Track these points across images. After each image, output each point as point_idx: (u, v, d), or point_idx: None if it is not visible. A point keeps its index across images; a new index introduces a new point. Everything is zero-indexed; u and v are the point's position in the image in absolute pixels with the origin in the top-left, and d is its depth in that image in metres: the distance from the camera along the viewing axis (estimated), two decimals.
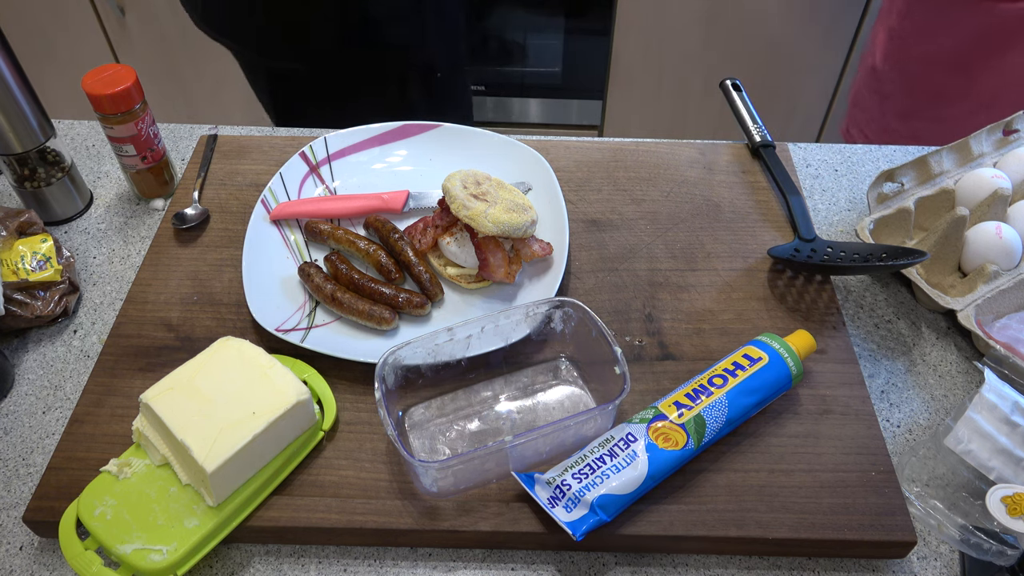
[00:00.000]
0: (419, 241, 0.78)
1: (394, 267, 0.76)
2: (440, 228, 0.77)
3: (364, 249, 0.77)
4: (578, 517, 0.58)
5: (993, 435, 0.64)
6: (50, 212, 0.87)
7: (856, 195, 0.92)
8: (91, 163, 0.95)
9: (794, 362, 0.66)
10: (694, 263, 0.80)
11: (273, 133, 0.98)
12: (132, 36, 1.87)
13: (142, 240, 0.86)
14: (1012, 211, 0.83)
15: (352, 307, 0.72)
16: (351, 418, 0.67)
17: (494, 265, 0.74)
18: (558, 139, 0.94)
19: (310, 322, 0.73)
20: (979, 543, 0.60)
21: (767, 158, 0.89)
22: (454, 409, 0.69)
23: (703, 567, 0.62)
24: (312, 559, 0.62)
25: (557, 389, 0.70)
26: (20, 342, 0.77)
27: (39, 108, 0.83)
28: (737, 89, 0.97)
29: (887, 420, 0.71)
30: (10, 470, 0.67)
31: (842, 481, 0.63)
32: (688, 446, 0.61)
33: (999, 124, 0.92)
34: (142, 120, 0.83)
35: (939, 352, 0.76)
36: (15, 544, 0.63)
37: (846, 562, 0.62)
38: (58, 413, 0.71)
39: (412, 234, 0.78)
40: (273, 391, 0.62)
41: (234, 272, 0.78)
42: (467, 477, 0.62)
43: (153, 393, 0.61)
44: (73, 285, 0.79)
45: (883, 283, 0.82)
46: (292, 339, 0.70)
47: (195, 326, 0.74)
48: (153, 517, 0.59)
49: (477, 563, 0.62)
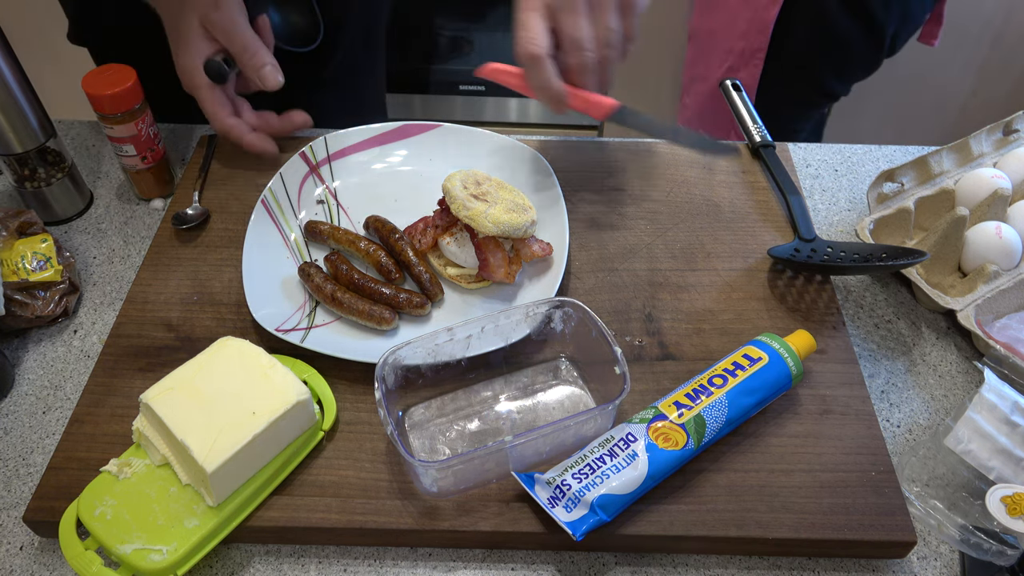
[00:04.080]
0: (419, 241, 0.78)
1: (394, 267, 0.76)
2: (440, 228, 0.77)
3: (364, 249, 0.77)
4: (578, 517, 0.58)
5: (993, 435, 0.64)
6: (50, 212, 0.87)
7: (856, 195, 0.92)
8: (91, 163, 0.95)
9: (794, 362, 0.66)
10: (694, 263, 0.80)
11: None
12: None
13: (142, 240, 0.86)
14: (1012, 211, 0.83)
15: (352, 307, 0.72)
16: (351, 418, 0.67)
17: (494, 265, 0.74)
18: (558, 139, 0.95)
19: (310, 322, 0.73)
20: (979, 543, 0.61)
21: (767, 158, 0.89)
22: (454, 409, 0.69)
23: (703, 567, 0.62)
24: (312, 559, 0.62)
25: (557, 389, 0.70)
26: (20, 342, 0.77)
27: (39, 108, 0.82)
28: (737, 89, 0.97)
29: (887, 420, 0.71)
30: (10, 470, 0.67)
31: (842, 481, 0.63)
32: (688, 446, 0.61)
33: (999, 124, 0.92)
34: (142, 120, 0.83)
35: (939, 352, 0.76)
36: (15, 544, 0.63)
37: (846, 562, 0.62)
38: (58, 413, 0.71)
39: (412, 234, 0.78)
40: (273, 391, 0.62)
41: (234, 272, 0.78)
42: (467, 477, 0.62)
43: (153, 393, 0.61)
44: (73, 285, 0.79)
45: (883, 283, 0.82)
46: (292, 339, 0.70)
47: (195, 326, 0.74)
48: (153, 517, 0.59)
49: (477, 563, 0.62)
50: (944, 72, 1.88)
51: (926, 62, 1.84)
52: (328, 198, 0.86)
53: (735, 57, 1.30)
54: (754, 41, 1.27)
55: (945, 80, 1.90)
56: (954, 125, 1.99)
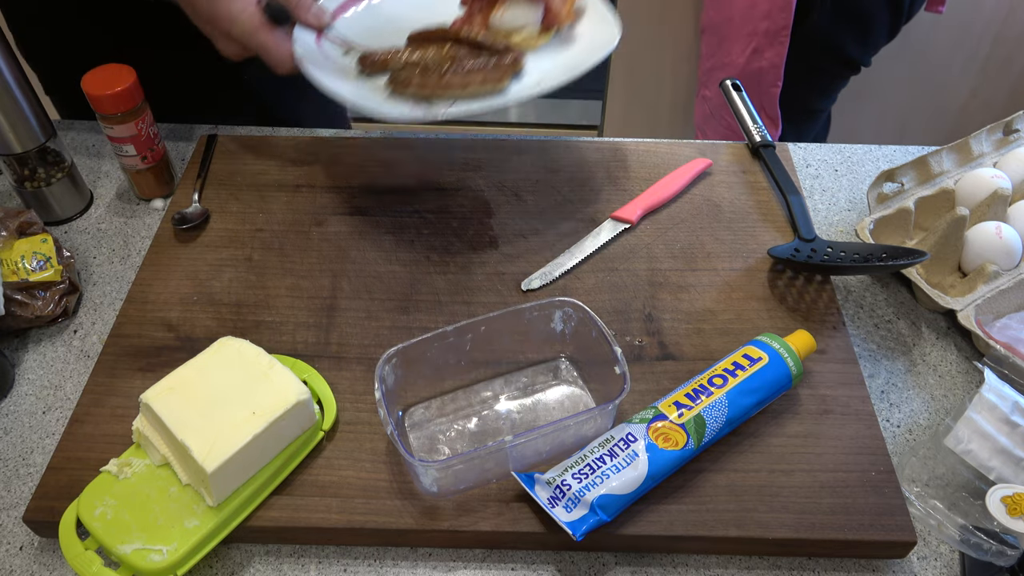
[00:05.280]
0: (474, 29, 0.79)
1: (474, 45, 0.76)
2: (484, 5, 0.79)
3: (435, 51, 0.76)
4: (578, 517, 0.58)
5: (993, 435, 0.64)
6: (50, 212, 0.87)
7: (856, 195, 0.92)
8: (91, 163, 0.95)
9: (794, 362, 0.66)
10: (694, 263, 0.80)
11: (273, 133, 0.98)
12: None
13: (142, 240, 0.86)
14: (1012, 211, 0.83)
15: (466, 75, 0.72)
16: (351, 418, 0.67)
17: (558, 3, 0.76)
18: (558, 139, 0.95)
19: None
20: (979, 543, 0.61)
21: (767, 158, 0.90)
22: (454, 409, 0.69)
23: (703, 567, 0.62)
24: (312, 559, 0.62)
25: (557, 389, 0.70)
26: (20, 342, 0.77)
27: (39, 108, 0.83)
28: (737, 89, 0.97)
29: (887, 420, 0.71)
30: (10, 470, 0.67)
31: (842, 481, 0.63)
32: (688, 446, 0.61)
33: (999, 124, 0.92)
34: (142, 120, 0.83)
35: (939, 352, 0.76)
36: (15, 544, 0.63)
37: (846, 562, 0.62)
38: (58, 413, 0.71)
39: (462, 26, 0.79)
40: (273, 391, 0.62)
41: (234, 272, 0.78)
42: (467, 477, 0.62)
43: (153, 393, 0.61)
44: (73, 285, 0.79)
45: (883, 283, 0.82)
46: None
47: (195, 326, 0.74)
48: (153, 517, 0.59)
49: (477, 563, 0.62)
50: (944, 72, 1.88)
51: (926, 62, 1.84)
52: (352, 45, 0.82)
53: (760, 38, 1.33)
54: (778, 19, 1.29)
55: (945, 80, 1.90)
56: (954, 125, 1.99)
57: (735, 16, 1.36)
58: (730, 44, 1.39)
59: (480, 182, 0.89)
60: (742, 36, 1.35)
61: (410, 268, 0.80)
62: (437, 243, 0.82)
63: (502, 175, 0.89)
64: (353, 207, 0.86)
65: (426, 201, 0.87)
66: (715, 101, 1.47)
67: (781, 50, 1.32)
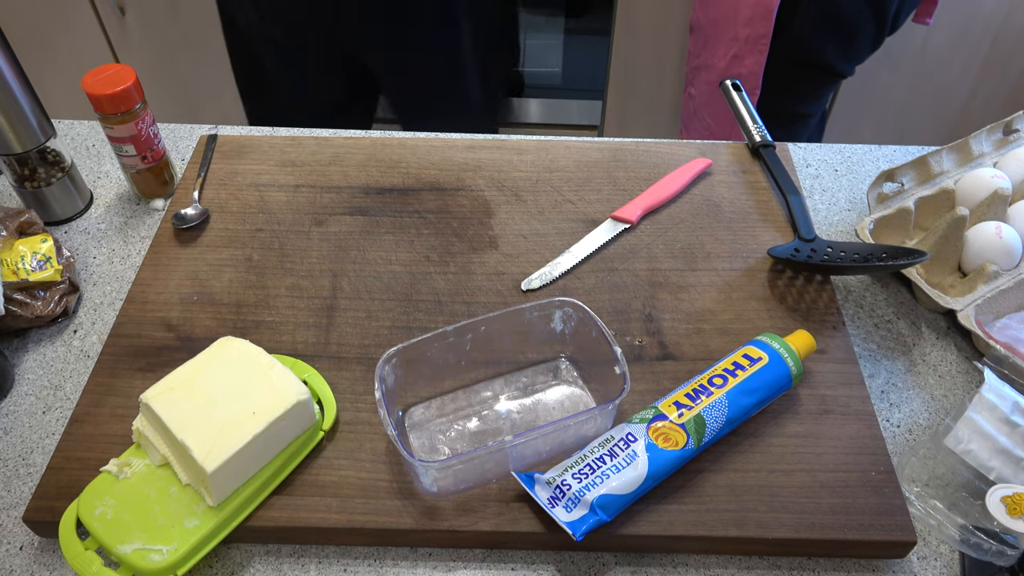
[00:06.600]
0: None
1: None
2: None
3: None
4: (578, 517, 0.58)
5: (993, 435, 0.64)
6: (50, 212, 0.87)
7: (856, 195, 0.92)
8: (91, 163, 0.95)
9: (794, 362, 0.66)
10: (694, 263, 0.80)
11: (273, 133, 0.98)
12: (132, 36, 1.87)
13: (142, 240, 0.86)
14: (1012, 211, 0.83)
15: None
16: (351, 418, 0.67)
17: None
18: (558, 139, 0.95)
19: None
20: (979, 543, 0.61)
21: (767, 158, 0.89)
22: (454, 409, 0.69)
23: (703, 567, 0.62)
24: (312, 559, 0.62)
25: (557, 389, 0.70)
26: (20, 342, 0.77)
27: (39, 108, 0.83)
28: (737, 89, 0.97)
29: (887, 420, 0.71)
30: (10, 470, 0.67)
31: (842, 481, 0.63)
32: (688, 446, 0.61)
33: (999, 124, 0.92)
34: (142, 120, 0.83)
35: (939, 352, 0.76)
36: (15, 544, 0.63)
37: (846, 562, 0.62)
38: (58, 413, 0.71)
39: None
40: (273, 391, 0.62)
41: (234, 272, 0.78)
42: (467, 477, 0.62)
43: (153, 393, 0.61)
44: (73, 285, 0.79)
45: (883, 283, 0.82)
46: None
47: (195, 326, 0.74)
48: (153, 517, 0.59)
49: (477, 563, 0.62)
50: (944, 72, 1.88)
51: (926, 62, 1.84)
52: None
53: (740, 45, 1.32)
54: (758, 27, 1.29)
55: (945, 80, 1.89)
56: (954, 125, 1.98)
57: (720, 18, 1.35)
58: (714, 46, 1.38)
59: (480, 182, 0.89)
60: (725, 40, 1.35)
61: (410, 268, 0.80)
62: (437, 243, 0.82)
63: (502, 175, 0.89)
64: (353, 207, 0.86)
65: (426, 201, 0.87)
66: (699, 100, 1.47)
67: (760, 58, 1.31)
